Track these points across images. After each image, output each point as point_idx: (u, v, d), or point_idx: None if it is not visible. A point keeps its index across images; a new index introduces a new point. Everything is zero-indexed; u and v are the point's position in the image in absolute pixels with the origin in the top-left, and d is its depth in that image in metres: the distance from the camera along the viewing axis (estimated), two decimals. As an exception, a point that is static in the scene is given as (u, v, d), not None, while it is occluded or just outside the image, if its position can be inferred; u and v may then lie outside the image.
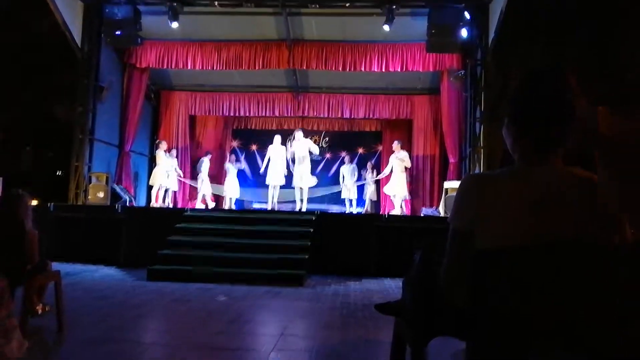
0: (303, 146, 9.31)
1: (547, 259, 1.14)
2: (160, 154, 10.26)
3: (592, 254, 1.14)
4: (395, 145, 9.79)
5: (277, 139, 9.69)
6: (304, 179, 9.24)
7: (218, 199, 11.69)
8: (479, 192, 1.23)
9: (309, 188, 9.50)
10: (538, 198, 1.16)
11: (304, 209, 9.11)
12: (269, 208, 9.47)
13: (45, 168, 13.20)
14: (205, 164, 11.08)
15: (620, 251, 1.16)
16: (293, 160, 9.35)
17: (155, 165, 10.45)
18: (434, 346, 2.21)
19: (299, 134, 9.46)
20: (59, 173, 12.44)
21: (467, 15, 8.75)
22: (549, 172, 1.21)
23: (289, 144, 9.49)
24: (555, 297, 1.12)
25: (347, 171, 11.03)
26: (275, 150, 9.53)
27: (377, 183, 11.27)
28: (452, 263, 1.27)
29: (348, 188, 10.90)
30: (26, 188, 3.93)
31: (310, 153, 9.39)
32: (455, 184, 8.82)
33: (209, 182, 11.16)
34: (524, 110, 1.24)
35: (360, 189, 11.19)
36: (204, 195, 11.09)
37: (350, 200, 10.96)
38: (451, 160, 9.99)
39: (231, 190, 11.15)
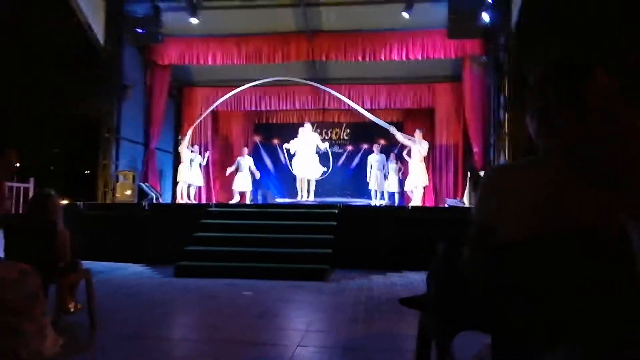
0: (310, 140, 9.48)
1: (570, 251, 1.11)
2: (184, 150, 10.42)
3: (616, 244, 1.11)
4: (417, 133, 9.70)
5: (307, 127, 9.86)
6: (311, 171, 9.41)
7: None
8: (501, 185, 1.22)
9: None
10: (561, 189, 1.14)
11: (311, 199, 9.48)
12: (300, 200, 9.66)
13: (73, 167, 13.54)
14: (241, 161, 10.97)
15: None
16: (292, 154, 9.88)
17: (180, 162, 10.61)
18: (460, 341, 2.19)
19: (307, 127, 9.66)
20: (87, 172, 12.74)
21: (488, -2, 8.55)
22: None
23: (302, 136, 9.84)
24: (576, 291, 1.10)
25: (375, 161, 10.68)
26: (305, 142, 9.63)
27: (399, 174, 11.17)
28: (474, 257, 1.27)
29: (375, 179, 10.60)
30: (56, 187, 4.03)
31: (317, 147, 9.82)
32: (480, 174, 8.69)
33: (246, 179, 10.94)
34: (546, 99, 1.21)
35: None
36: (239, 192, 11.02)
37: (377, 192, 10.67)
38: (475, 149, 9.82)
39: (243, 185, 10.88)
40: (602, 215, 1.12)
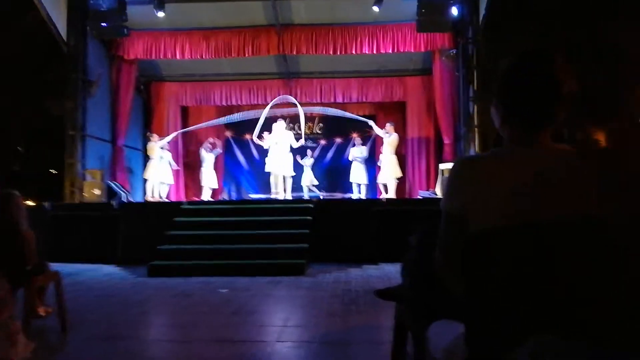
0: (284, 137, 9.40)
1: (540, 239, 1.14)
2: (153, 147, 10.19)
3: (585, 232, 1.14)
4: (388, 127, 9.76)
5: (280, 124, 9.58)
6: (286, 168, 9.31)
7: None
8: (470, 175, 1.23)
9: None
10: (528, 178, 1.16)
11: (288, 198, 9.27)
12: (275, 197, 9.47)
13: (39, 167, 13.09)
14: (204, 155, 10.99)
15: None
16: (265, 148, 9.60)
17: (148, 159, 10.38)
18: (435, 330, 2.23)
19: (281, 124, 9.54)
20: (53, 171, 12.34)
21: (457, -7, 8.66)
22: (538, 152, 1.21)
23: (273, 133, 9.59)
24: (548, 279, 1.12)
25: (359, 153, 10.52)
26: (278, 139, 9.43)
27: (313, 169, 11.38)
28: (445, 247, 1.28)
29: (357, 172, 10.43)
30: (21, 189, 3.89)
31: (290, 146, 9.54)
32: (451, 165, 8.83)
33: (209, 174, 10.98)
34: (511, 90, 1.24)
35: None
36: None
37: (359, 185, 10.47)
38: (446, 141, 9.98)
39: (208, 180, 10.82)
40: (574, 204, 1.15)
